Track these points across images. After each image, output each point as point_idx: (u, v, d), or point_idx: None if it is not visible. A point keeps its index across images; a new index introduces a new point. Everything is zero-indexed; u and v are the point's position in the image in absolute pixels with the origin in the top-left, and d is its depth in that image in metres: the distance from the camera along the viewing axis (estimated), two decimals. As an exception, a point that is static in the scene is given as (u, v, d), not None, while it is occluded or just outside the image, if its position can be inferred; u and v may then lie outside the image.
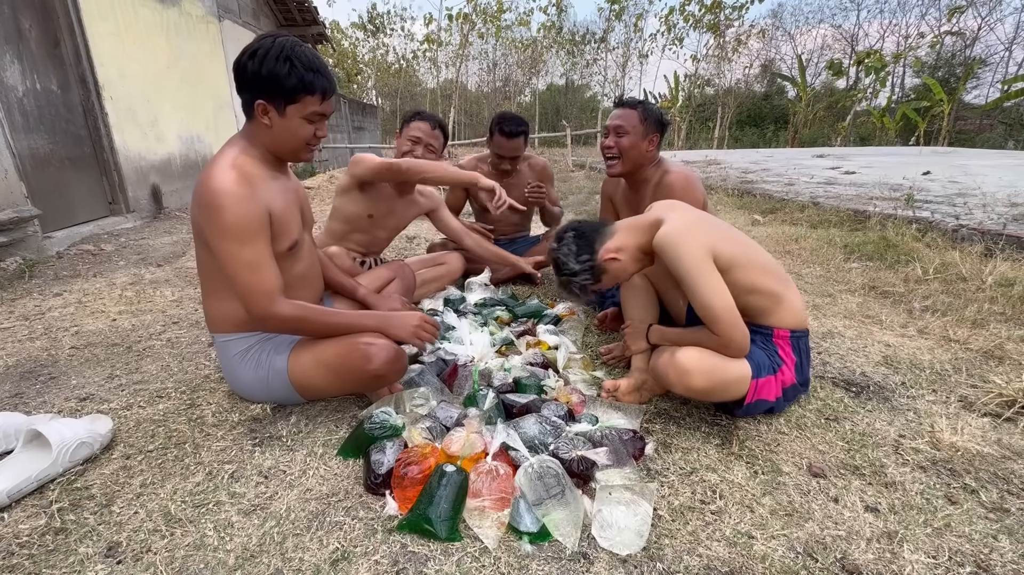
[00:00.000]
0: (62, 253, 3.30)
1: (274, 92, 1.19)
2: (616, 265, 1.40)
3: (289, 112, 1.22)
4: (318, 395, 1.44)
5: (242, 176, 1.19)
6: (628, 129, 1.87)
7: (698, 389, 1.25)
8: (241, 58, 1.19)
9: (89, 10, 3.91)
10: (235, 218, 1.16)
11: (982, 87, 19.55)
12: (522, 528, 1.00)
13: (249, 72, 1.18)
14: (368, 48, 22.29)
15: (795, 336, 1.37)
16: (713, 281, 1.25)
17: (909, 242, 3.16)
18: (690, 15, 18.73)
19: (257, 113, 1.22)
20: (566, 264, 1.40)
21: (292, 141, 1.27)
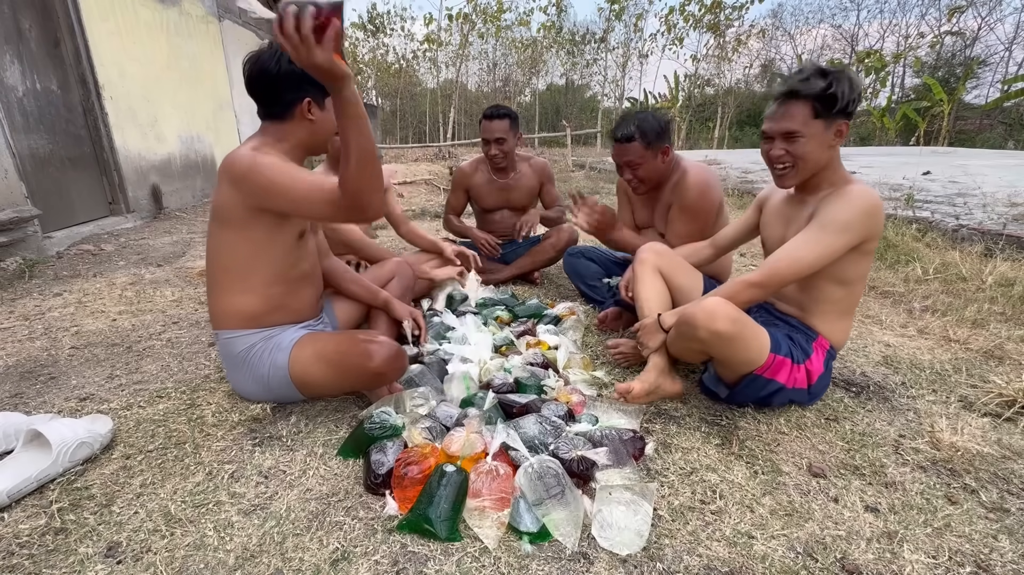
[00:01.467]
0: (62, 253, 3.30)
1: (317, 87, 1.23)
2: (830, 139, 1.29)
3: (327, 104, 1.30)
4: (318, 393, 1.44)
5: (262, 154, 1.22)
6: (639, 161, 1.89)
7: (724, 333, 1.24)
8: (270, 64, 1.22)
9: (89, 10, 3.91)
10: (274, 169, 1.19)
11: (982, 87, 19.56)
12: (522, 528, 1.00)
13: (284, 74, 1.22)
14: (368, 48, 22.29)
15: (830, 353, 1.41)
16: (834, 251, 1.25)
17: (909, 242, 3.16)
18: (690, 15, 18.72)
19: (302, 111, 1.27)
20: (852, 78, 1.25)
21: (329, 131, 1.34)
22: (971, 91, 18.51)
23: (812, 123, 1.27)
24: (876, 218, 1.26)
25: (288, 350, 1.36)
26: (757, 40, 21.93)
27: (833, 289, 1.36)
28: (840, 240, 1.25)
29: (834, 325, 1.40)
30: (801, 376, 1.35)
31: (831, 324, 1.40)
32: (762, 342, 1.29)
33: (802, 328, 1.41)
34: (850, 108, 1.26)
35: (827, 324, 1.40)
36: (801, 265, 1.27)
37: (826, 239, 1.25)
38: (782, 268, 1.29)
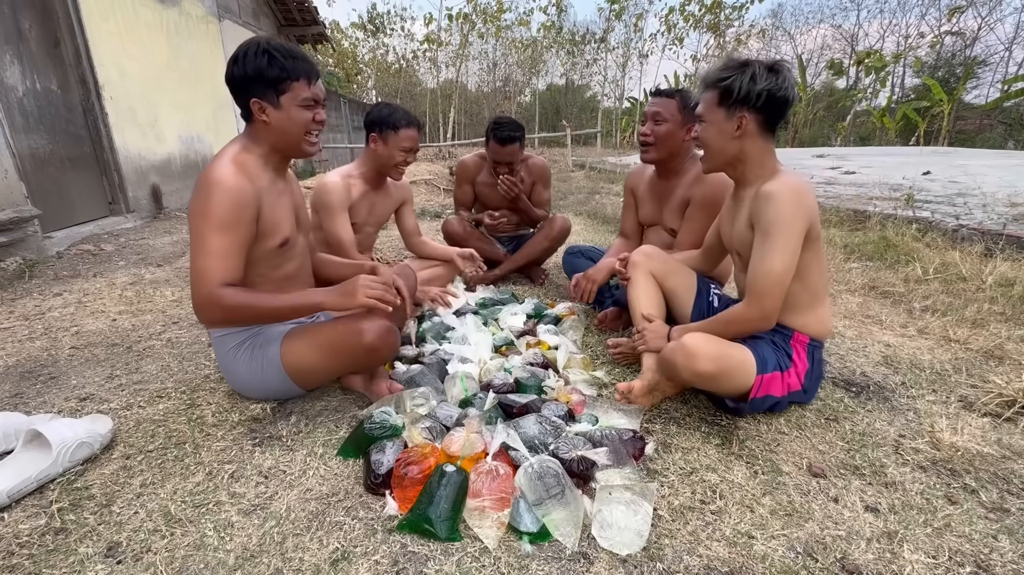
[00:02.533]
0: (62, 253, 3.30)
1: (263, 86, 1.24)
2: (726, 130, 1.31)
3: (283, 103, 1.27)
4: (312, 380, 1.44)
5: (240, 170, 1.24)
6: (666, 117, 1.83)
7: (704, 373, 1.24)
8: (229, 69, 1.25)
9: (89, 10, 3.91)
10: (219, 206, 1.19)
11: (982, 87, 19.56)
12: (522, 528, 1.00)
13: (237, 76, 1.24)
14: (368, 48, 22.27)
15: (812, 345, 1.39)
16: (792, 247, 1.23)
17: (909, 242, 3.16)
18: (690, 15, 18.71)
19: (255, 113, 1.27)
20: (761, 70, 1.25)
21: (293, 131, 1.31)
22: (971, 91, 18.53)
23: (714, 110, 1.32)
24: (806, 202, 1.24)
25: (279, 341, 1.37)
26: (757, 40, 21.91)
27: (794, 286, 1.32)
28: (792, 236, 1.23)
29: (806, 318, 1.37)
30: (793, 380, 1.35)
31: (803, 318, 1.37)
32: (747, 370, 1.27)
33: (777, 328, 1.39)
34: (753, 101, 1.26)
35: (799, 319, 1.37)
36: (780, 278, 1.25)
37: (782, 243, 1.23)
38: (766, 290, 1.26)
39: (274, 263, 1.38)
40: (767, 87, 1.24)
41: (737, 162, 1.35)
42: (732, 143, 1.32)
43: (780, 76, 1.25)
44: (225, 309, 1.21)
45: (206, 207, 1.19)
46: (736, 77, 1.26)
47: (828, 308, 1.41)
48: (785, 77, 1.25)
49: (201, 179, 1.22)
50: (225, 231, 1.21)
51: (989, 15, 18.41)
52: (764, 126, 1.30)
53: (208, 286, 1.19)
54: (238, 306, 1.21)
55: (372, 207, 2.13)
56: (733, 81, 1.26)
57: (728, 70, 1.28)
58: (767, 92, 1.24)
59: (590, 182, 7.58)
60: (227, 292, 1.20)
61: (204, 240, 1.20)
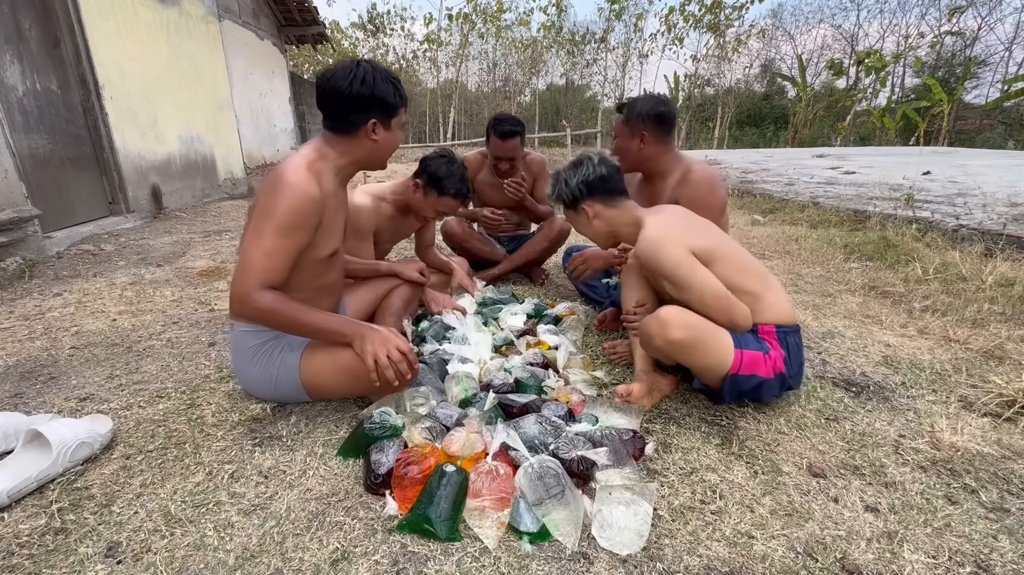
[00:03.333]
0: (62, 253, 3.30)
1: (384, 110, 1.33)
2: (586, 220, 1.55)
3: (393, 125, 1.37)
4: (324, 395, 1.45)
5: (315, 177, 1.27)
6: (617, 132, 1.91)
7: (677, 341, 1.29)
8: (348, 85, 1.26)
9: (89, 10, 3.91)
10: (287, 208, 1.21)
11: (982, 87, 19.55)
12: (522, 528, 1.00)
13: (364, 95, 1.28)
14: (368, 48, 22.27)
15: (781, 331, 1.38)
16: (699, 273, 1.33)
17: (909, 242, 3.16)
18: (690, 15, 18.72)
19: (367, 131, 1.32)
20: (567, 173, 1.55)
21: (391, 150, 1.42)
22: (971, 91, 18.53)
23: (569, 214, 1.62)
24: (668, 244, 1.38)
25: (299, 351, 1.37)
26: (757, 40, 21.92)
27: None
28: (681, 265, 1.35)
29: (762, 311, 1.37)
30: (776, 360, 1.35)
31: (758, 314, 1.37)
32: (725, 343, 1.31)
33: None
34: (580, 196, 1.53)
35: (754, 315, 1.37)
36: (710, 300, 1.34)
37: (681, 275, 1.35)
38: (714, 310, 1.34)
39: (319, 271, 1.38)
40: (579, 180, 1.51)
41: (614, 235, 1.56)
42: (595, 225, 1.54)
43: (583, 167, 1.52)
44: (259, 311, 1.22)
45: (275, 206, 1.21)
46: (557, 189, 1.57)
47: (777, 294, 1.42)
48: (587, 164, 1.53)
49: (276, 176, 1.24)
50: (285, 234, 1.22)
51: (989, 15, 18.41)
52: (607, 200, 1.52)
53: (251, 283, 1.21)
54: (271, 311, 1.22)
55: (397, 230, 2.12)
56: (558, 192, 1.57)
57: (552, 187, 1.60)
58: (582, 183, 1.51)
59: (590, 182, 7.57)
60: (266, 296, 1.22)
61: (262, 237, 1.21)
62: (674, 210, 1.55)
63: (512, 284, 2.70)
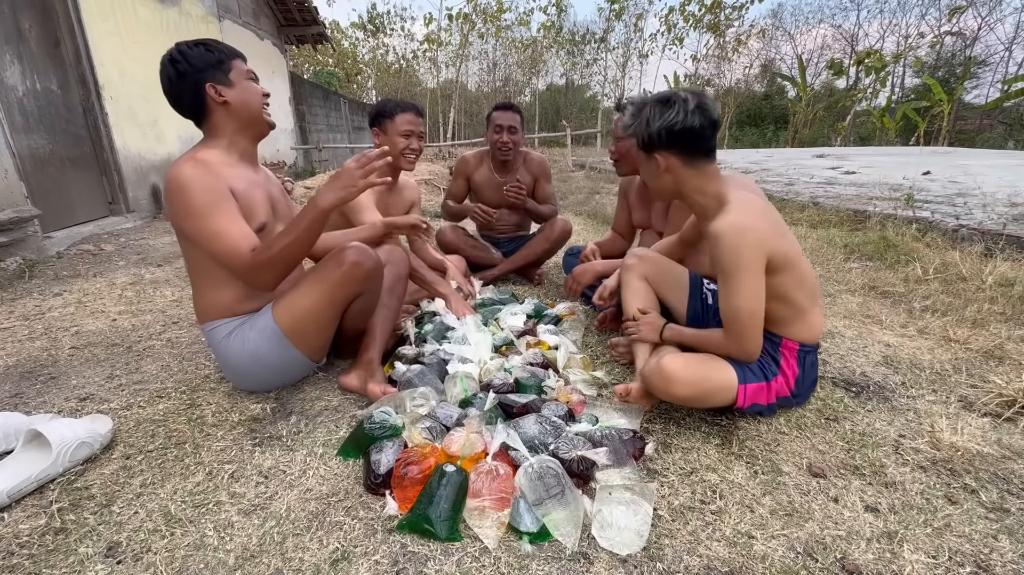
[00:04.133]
0: (62, 253, 3.30)
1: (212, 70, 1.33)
2: (655, 169, 1.32)
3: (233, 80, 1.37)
4: (310, 333, 1.43)
5: (199, 162, 1.29)
6: (621, 135, 1.88)
7: (681, 397, 1.27)
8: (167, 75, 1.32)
9: (89, 10, 3.91)
10: (196, 195, 1.24)
11: (982, 87, 19.56)
12: (522, 528, 1.00)
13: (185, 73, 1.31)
14: (368, 48, 22.27)
15: (803, 350, 1.36)
16: (754, 286, 1.21)
17: (909, 242, 3.16)
18: (690, 15, 18.71)
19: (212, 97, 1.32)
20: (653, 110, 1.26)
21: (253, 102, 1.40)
22: (971, 91, 18.53)
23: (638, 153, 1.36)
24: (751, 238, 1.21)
25: (268, 312, 1.40)
26: (757, 40, 21.94)
27: (774, 306, 1.31)
28: (749, 274, 1.20)
29: (794, 327, 1.35)
30: (779, 386, 1.33)
31: (790, 328, 1.35)
32: (728, 388, 1.27)
33: (768, 337, 1.36)
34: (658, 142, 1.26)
35: (787, 329, 1.36)
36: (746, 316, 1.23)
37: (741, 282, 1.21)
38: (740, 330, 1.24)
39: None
40: (662, 125, 1.24)
41: (680, 195, 1.35)
42: (663, 180, 1.33)
43: (673, 109, 1.23)
44: (264, 263, 1.27)
45: (184, 203, 1.24)
46: (635, 125, 1.29)
47: (818, 314, 1.38)
48: (679, 108, 1.22)
49: (166, 186, 1.27)
50: (214, 211, 1.25)
51: (989, 15, 18.41)
52: (686, 157, 1.27)
53: (243, 258, 1.26)
54: (274, 255, 1.27)
55: (387, 208, 2.12)
56: (635, 129, 1.30)
57: (631, 117, 1.31)
58: (664, 130, 1.24)
59: (590, 182, 7.58)
60: (258, 253, 1.27)
61: (204, 227, 1.25)
62: (759, 195, 1.40)
63: (512, 284, 2.70)
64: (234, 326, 1.41)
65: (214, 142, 1.36)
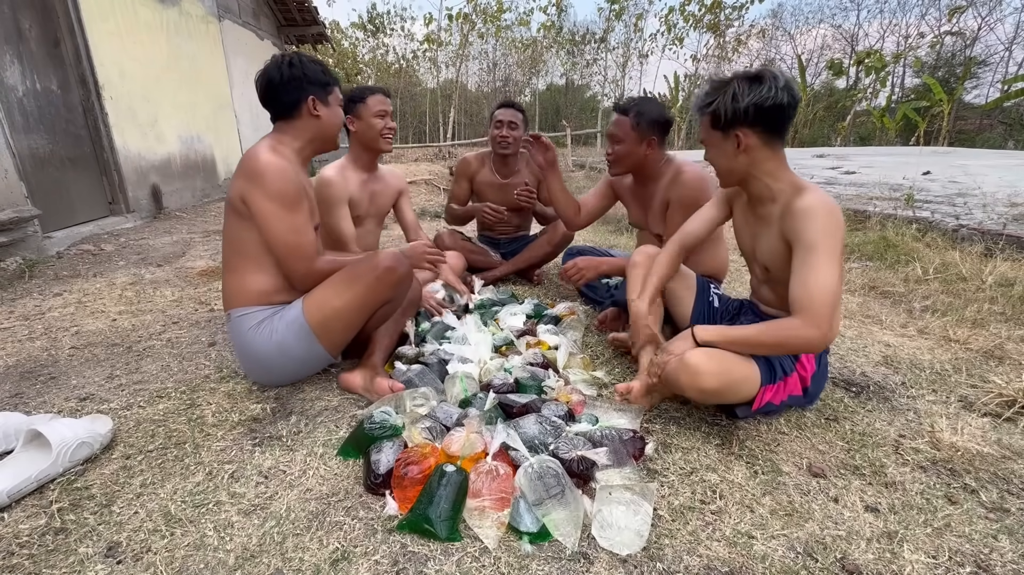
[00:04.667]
0: (62, 253, 3.30)
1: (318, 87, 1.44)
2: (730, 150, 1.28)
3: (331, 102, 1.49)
4: (336, 329, 1.47)
5: (285, 154, 1.40)
6: (622, 136, 1.89)
7: (709, 389, 1.22)
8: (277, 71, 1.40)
9: (89, 10, 3.91)
10: (288, 186, 1.35)
11: (982, 87, 19.54)
12: (522, 528, 1.00)
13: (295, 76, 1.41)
14: (368, 48, 22.24)
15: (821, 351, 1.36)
16: (840, 266, 1.19)
17: (909, 242, 3.16)
18: (690, 15, 18.69)
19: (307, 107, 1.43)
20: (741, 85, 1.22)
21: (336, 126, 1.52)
22: (971, 91, 18.50)
23: (712, 133, 1.31)
24: (840, 217, 1.24)
25: (298, 306, 1.44)
26: (757, 40, 21.89)
27: None
28: (836, 252, 1.20)
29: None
30: (794, 384, 1.33)
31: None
32: (752, 381, 1.25)
33: None
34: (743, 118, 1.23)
35: None
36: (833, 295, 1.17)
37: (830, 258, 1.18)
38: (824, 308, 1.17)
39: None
40: (752, 100, 1.21)
41: (750, 177, 1.32)
42: (738, 161, 1.29)
43: (764, 85, 1.21)
44: (323, 274, 1.44)
45: (275, 189, 1.33)
46: (719, 100, 1.24)
47: (840, 314, 1.40)
48: (771, 84, 1.20)
49: (252, 164, 1.33)
50: (297, 206, 1.37)
51: (989, 15, 18.40)
52: (767, 136, 1.26)
53: (307, 261, 1.42)
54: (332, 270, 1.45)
55: (372, 197, 2.13)
56: (718, 105, 1.25)
57: (712, 93, 1.27)
58: (754, 106, 1.21)
59: (590, 182, 7.58)
60: (322, 262, 1.45)
61: (284, 218, 1.35)
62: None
63: (511, 284, 2.70)
64: (264, 316, 1.44)
65: (289, 142, 1.44)
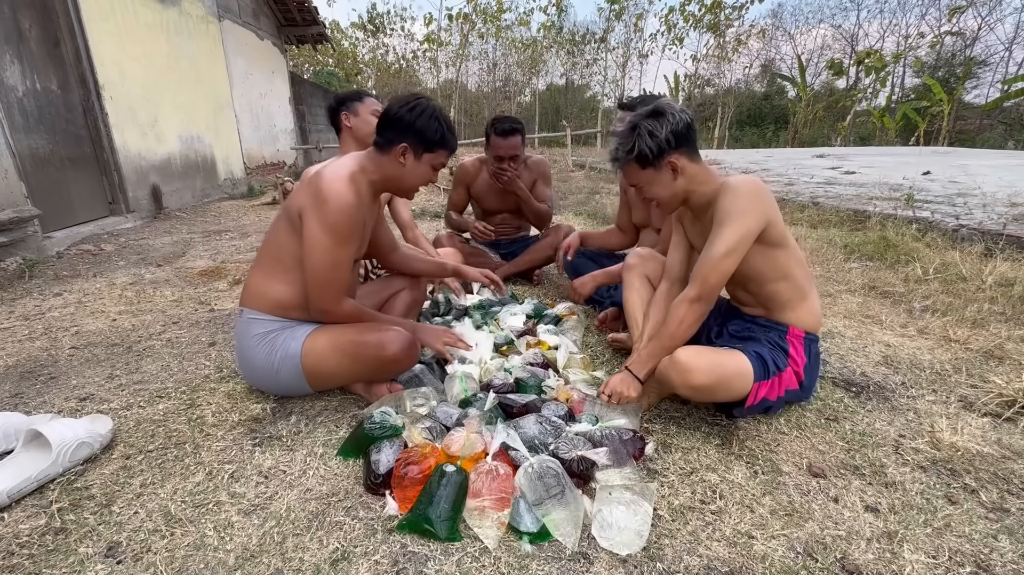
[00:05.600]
0: (62, 253, 3.30)
1: (419, 140, 1.35)
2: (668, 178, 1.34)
3: (424, 159, 1.39)
4: (325, 382, 1.46)
5: (357, 188, 1.34)
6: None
7: (701, 386, 1.24)
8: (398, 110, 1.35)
9: (89, 10, 3.91)
10: (344, 219, 1.30)
11: (982, 87, 19.53)
12: (522, 528, 1.00)
13: (404, 120, 1.34)
14: (368, 48, 22.25)
15: (808, 338, 1.38)
16: (740, 237, 1.26)
17: (909, 242, 3.16)
18: (690, 15, 18.70)
19: (396, 153, 1.36)
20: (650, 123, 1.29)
21: (417, 181, 1.43)
22: (971, 91, 18.51)
23: (643, 174, 1.35)
24: (762, 198, 1.28)
25: (302, 339, 1.39)
26: (757, 40, 21.90)
27: (778, 286, 1.37)
28: (742, 225, 1.25)
29: (798, 312, 1.39)
30: (789, 378, 1.34)
31: (794, 313, 1.39)
32: (744, 376, 1.26)
33: (772, 325, 1.40)
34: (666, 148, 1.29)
35: (792, 313, 1.39)
36: (718, 260, 1.27)
37: (729, 230, 1.26)
38: (707, 273, 1.29)
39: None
40: (668, 130, 1.28)
41: (690, 194, 1.38)
42: (677, 185, 1.35)
43: (667, 114, 1.29)
44: (343, 317, 1.41)
45: (334, 218, 1.28)
46: (637, 143, 1.30)
47: (816, 300, 1.43)
48: (671, 111, 1.29)
49: (322, 186, 1.29)
50: (344, 244, 1.32)
51: (989, 15, 18.39)
52: (690, 153, 1.34)
53: (332, 297, 1.36)
54: (352, 316, 1.42)
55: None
56: (639, 147, 1.30)
57: (624, 143, 1.33)
58: (672, 134, 1.29)
59: (590, 182, 7.58)
60: (347, 304, 1.40)
61: (329, 251, 1.31)
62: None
63: (511, 284, 2.70)
64: (272, 329, 1.40)
65: (372, 171, 1.39)
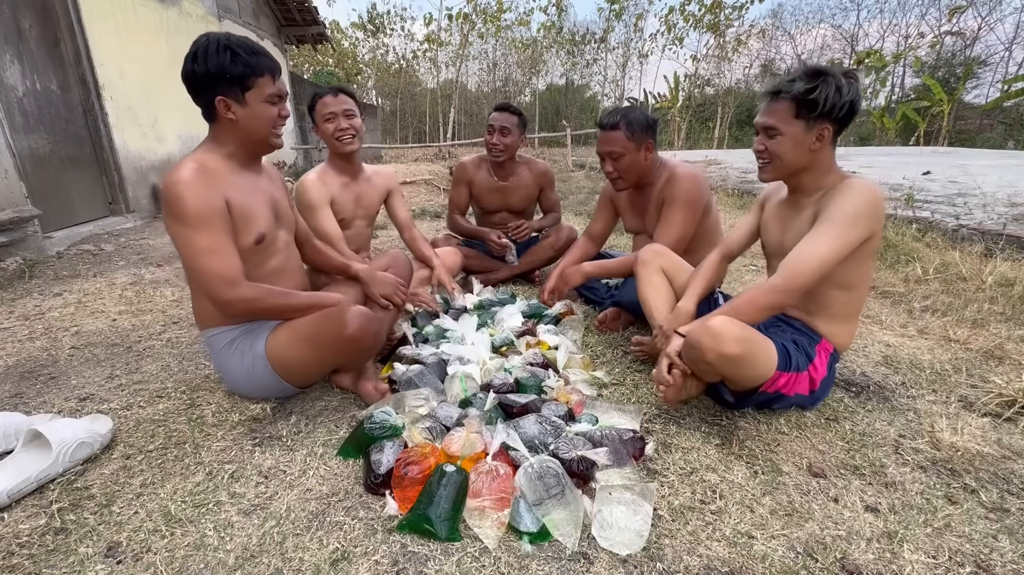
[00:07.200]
0: (62, 253, 3.30)
1: (228, 84, 1.23)
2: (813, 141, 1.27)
3: (249, 100, 1.26)
4: (300, 375, 1.41)
5: (198, 168, 1.23)
6: (621, 151, 1.87)
7: (730, 355, 1.17)
8: (187, 66, 1.23)
9: (89, 10, 3.91)
10: (189, 206, 1.19)
11: (982, 87, 19.52)
12: (522, 528, 1.00)
13: (199, 74, 1.22)
14: (368, 48, 22.27)
15: (833, 356, 1.40)
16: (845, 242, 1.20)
17: (909, 242, 3.16)
18: (690, 15, 18.72)
19: (220, 111, 1.25)
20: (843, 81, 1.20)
21: (261, 127, 1.31)
22: (971, 91, 18.49)
23: (792, 122, 1.26)
24: (879, 211, 1.24)
25: (264, 337, 1.36)
26: (757, 40, 21.92)
27: (837, 294, 1.34)
28: (851, 233, 1.20)
29: (839, 328, 1.39)
30: (803, 381, 1.34)
31: (835, 327, 1.39)
32: (770, 358, 1.24)
33: (806, 331, 1.41)
34: (835, 113, 1.22)
35: (831, 327, 1.39)
36: (818, 262, 1.20)
37: (837, 232, 1.20)
38: (801, 268, 1.21)
39: (255, 261, 1.36)
40: (851, 97, 1.20)
41: (803, 171, 1.32)
42: (806, 155, 1.28)
43: (854, 85, 1.21)
44: (245, 300, 1.26)
45: (176, 210, 1.20)
46: (822, 90, 1.20)
47: (856, 324, 1.43)
48: (856, 85, 1.22)
49: (164, 185, 1.22)
50: (203, 227, 1.21)
51: (989, 15, 18.40)
52: (837, 134, 1.27)
53: (222, 285, 1.22)
54: (257, 299, 1.28)
55: (359, 198, 2.13)
56: (819, 94, 1.20)
57: (809, 81, 1.22)
58: (850, 103, 1.20)
59: (590, 182, 7.58)
60: (245, 287, 1.25)
61: (191, 243, 1.21)
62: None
63: (511, 285, 2.70)
64: (235, 335, 1.39)
65: (217, 147, 1.31)
